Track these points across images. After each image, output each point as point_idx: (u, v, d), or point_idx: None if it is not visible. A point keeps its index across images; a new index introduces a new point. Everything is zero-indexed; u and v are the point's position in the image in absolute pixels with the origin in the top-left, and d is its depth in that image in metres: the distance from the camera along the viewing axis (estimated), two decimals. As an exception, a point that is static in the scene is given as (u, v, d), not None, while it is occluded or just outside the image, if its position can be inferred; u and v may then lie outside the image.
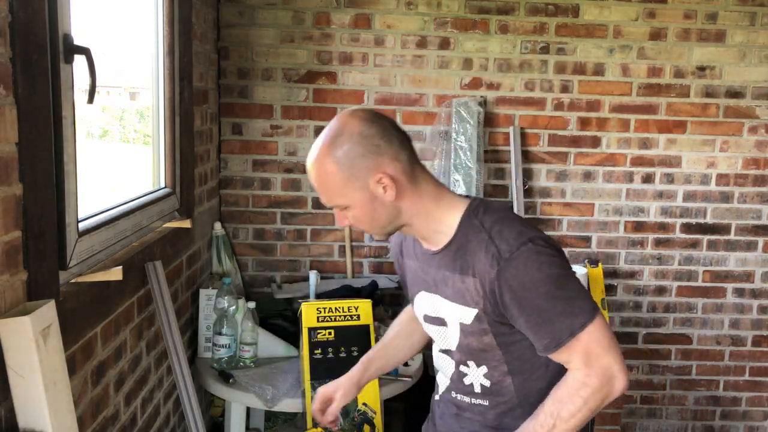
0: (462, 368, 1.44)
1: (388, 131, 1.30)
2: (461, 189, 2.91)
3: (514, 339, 1.35)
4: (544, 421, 1.29)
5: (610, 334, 1.29)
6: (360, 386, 1.67)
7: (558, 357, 1.30)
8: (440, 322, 1.42)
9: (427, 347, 1.68)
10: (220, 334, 2.48)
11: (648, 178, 3.13)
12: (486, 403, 1.43)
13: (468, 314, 1.35)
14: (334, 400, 1.65)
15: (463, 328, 1.37)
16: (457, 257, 1.33)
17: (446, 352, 1.47)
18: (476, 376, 1.42)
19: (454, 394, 1.49)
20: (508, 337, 1.35)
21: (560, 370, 1.33)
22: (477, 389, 1.43)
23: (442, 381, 1.54)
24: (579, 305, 1.27)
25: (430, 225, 1.36)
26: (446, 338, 1.44)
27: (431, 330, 1.48)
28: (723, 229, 3.18)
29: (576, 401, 1.26)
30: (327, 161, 1.29)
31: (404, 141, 1.33)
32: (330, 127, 1.32)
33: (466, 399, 1.46)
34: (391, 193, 1.29)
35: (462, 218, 1.34)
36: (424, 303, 1.45)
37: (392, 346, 1.71)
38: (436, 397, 1.59)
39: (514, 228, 1.29)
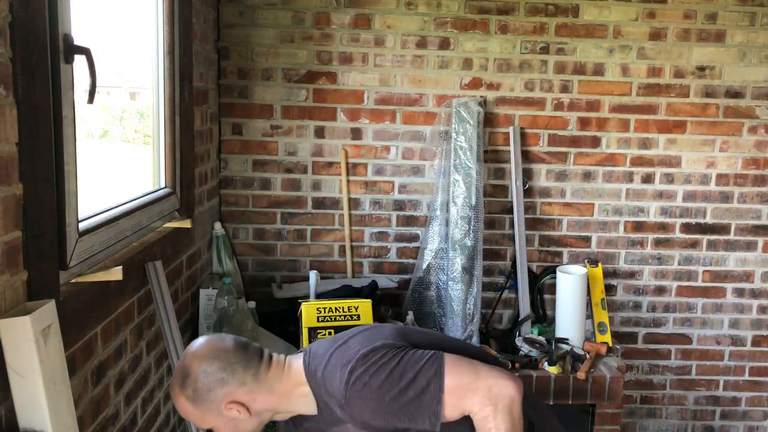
0: None
1: (230, 361, 1.41)
2: (461, 189, 2.91)
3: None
4: None
5: (465, 366, 1.36)
6: None
7: (451, 418, 1.36)
8: None
9: None
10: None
11: (648, 178, 3.13)
12: None
13: None
14: None
15: None
16: (329, 412, 1.44)
17: None
18: None
19: None
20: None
21: None
22: None
23: None
24: (423, 377, 1.34)
25: (294, 405, 1.47)
26: None
27: None
28: (723, 229, 3.18)
29: None
30: (181, 401, 1.42)
31: (249, 361, 1.42)
32: (178, 368, 1.44)
33: None
34: (245, 413, 1.42)
35: (309, 383, 1.43)
36: None
37: None
38: None
39: (335, 370, 1.38)
